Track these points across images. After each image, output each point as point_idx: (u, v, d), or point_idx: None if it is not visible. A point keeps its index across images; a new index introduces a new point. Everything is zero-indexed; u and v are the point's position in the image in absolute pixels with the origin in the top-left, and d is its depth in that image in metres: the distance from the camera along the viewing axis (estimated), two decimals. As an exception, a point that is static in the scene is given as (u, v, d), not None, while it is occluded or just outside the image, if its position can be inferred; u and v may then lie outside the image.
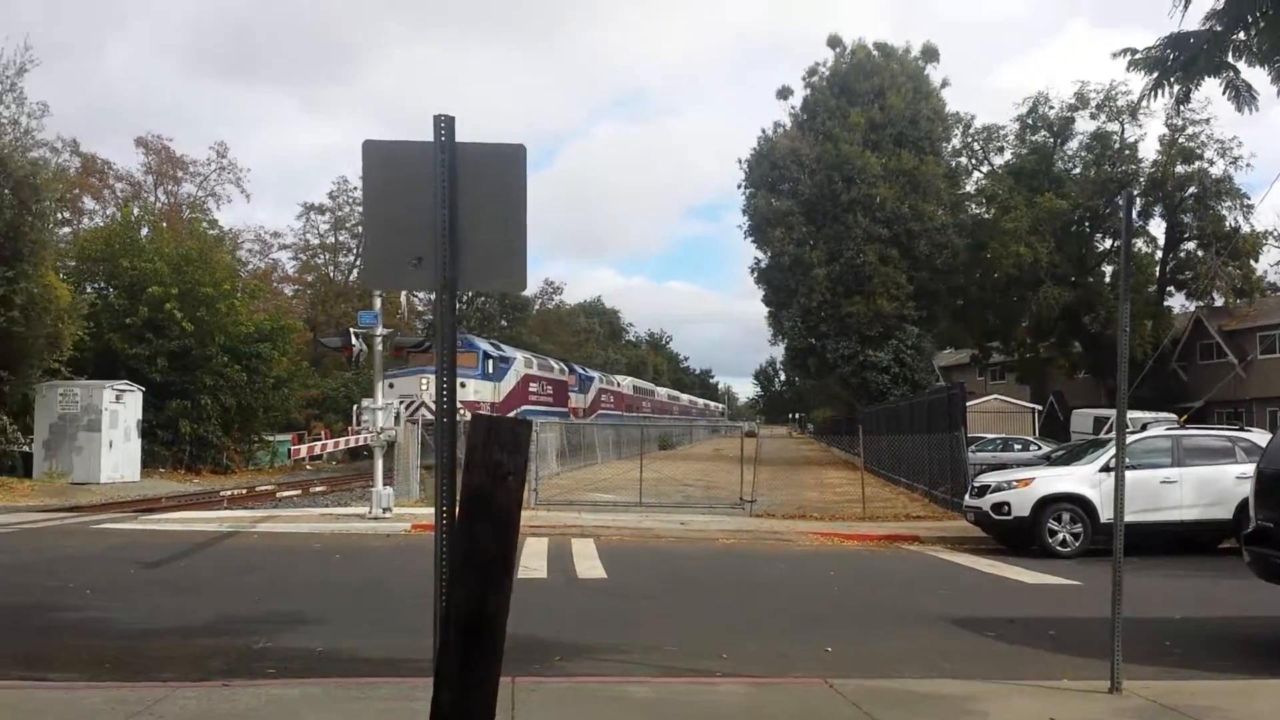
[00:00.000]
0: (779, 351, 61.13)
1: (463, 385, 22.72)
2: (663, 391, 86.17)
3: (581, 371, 54.25)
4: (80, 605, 9.85)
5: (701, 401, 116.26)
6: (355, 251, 59.78)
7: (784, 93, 49.14)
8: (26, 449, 26.69)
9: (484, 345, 38.04)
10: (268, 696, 5.96)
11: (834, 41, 48.42)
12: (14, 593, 10.39)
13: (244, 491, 24.40)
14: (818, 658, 7.78)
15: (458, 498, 4.68)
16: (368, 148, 4.52)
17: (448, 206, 4.41)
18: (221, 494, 23.42)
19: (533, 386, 41.62)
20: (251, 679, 6.57)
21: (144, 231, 38.24)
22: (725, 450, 47.76)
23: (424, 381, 29.32)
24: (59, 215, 38.10)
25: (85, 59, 75.56)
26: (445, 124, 4.39)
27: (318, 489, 25.55)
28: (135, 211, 41.53)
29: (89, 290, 33.92)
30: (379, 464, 18.67)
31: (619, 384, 63.89)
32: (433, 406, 24.39)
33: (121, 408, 27.43)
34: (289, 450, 21.16)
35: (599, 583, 11.86)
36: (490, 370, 36.63)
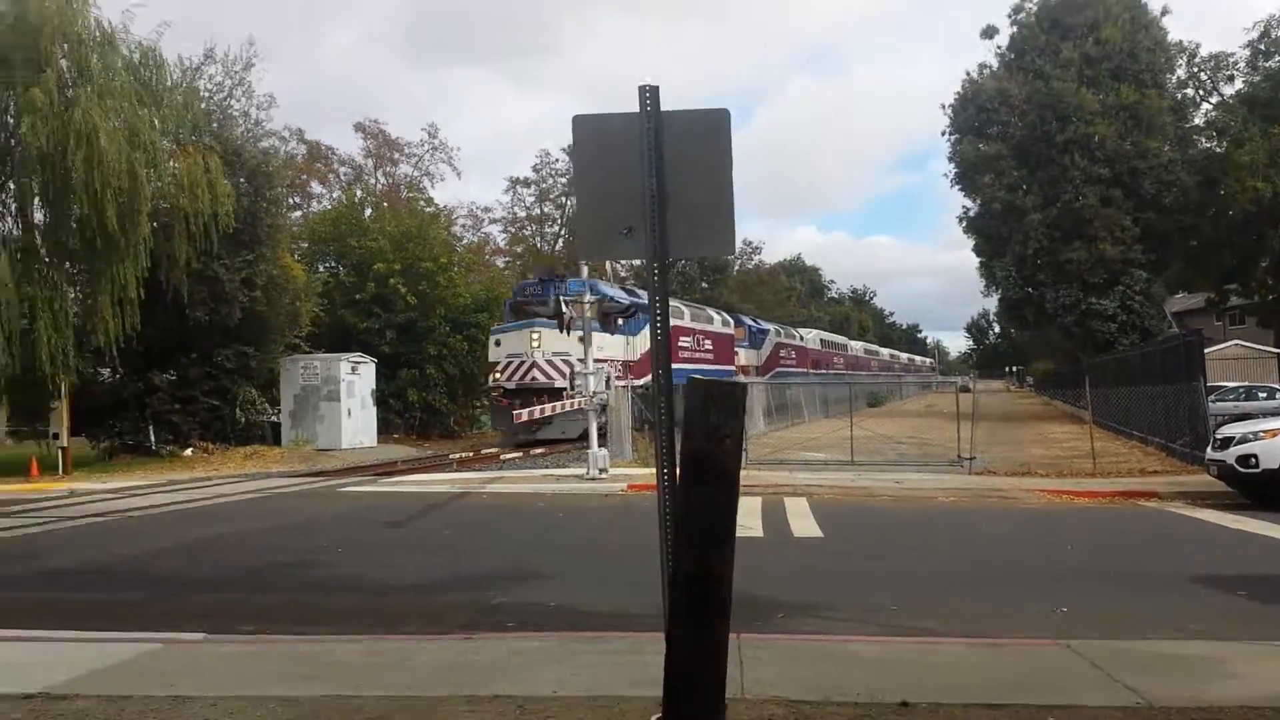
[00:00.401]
0: (992, 303, 58.23)
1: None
2: (857, 345, 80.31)
3: (752, 324, 49.82)
4: (330, 563, 10.71)
5: (905, 356, 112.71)
6: (560, 222, 61.48)
7: (988, 32, 46.76)
8: (275, 419, 29.20)
9: (609, 290, 32.23)
10: (509, 649, 6.31)
11: (1041, -25, 45.58)
12: (271, 552, 11.42)
13: (470, 455, 25.80)
14: (1050, 619, 7.48)
15: (677, 460, 4.80)
16: (577, 122, 4.64)
17: (655, 175, 4.48)
18: (450, 457, 24.85)
19: (683, 340, 35.80)
20: (492, 632, 6.97)
21: (367, 212, 40.75)
22: (938, 406, 46.32)
23: (535, 337, 27.35)
24: (290, 200, 41.17)
25: (305, 50, 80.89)
26: (650, 94, 4.45)
27: (537, 451, 26.63)
28: (358, 194, 44.29)
29: (321, 269, 36.58)
30: (593, 426, 19.28)
31: (801, 338, 59.13)
32: (544, 365, 24.19)
33: (357, 378, 29.52)
34: (511, 414, 22.23)
35: (815, 541, 11.83)
36: (619, 324, 31.86)
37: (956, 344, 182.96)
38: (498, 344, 28.43)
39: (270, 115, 37.98)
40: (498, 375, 27.73)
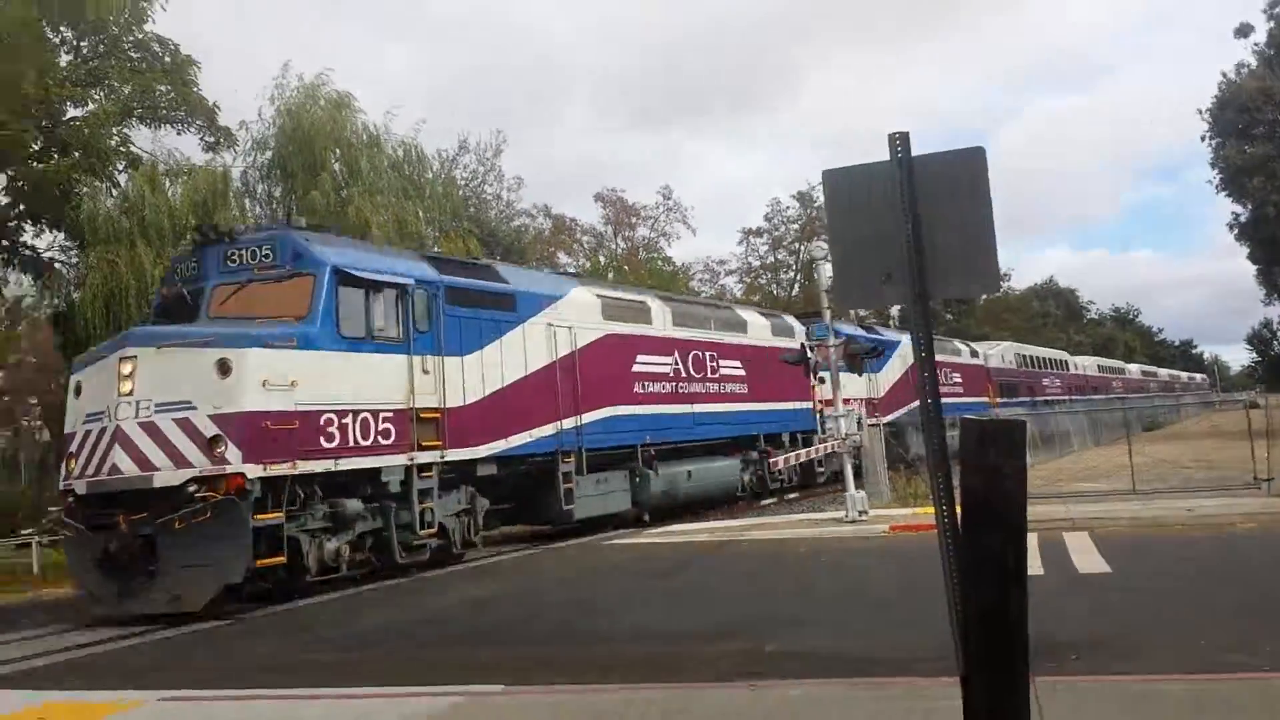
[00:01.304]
0: (1275, 312, 52.91)
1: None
2: (1085, 362, 65.65)
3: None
4: (608, 614, 11.12)
5: (1185, 375, 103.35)
6: (795, 268, 61.42)
7: (1243, 30, 43.49)
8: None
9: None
10: (788, 697, 6.37)
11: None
12: (550, 607, 11.96)
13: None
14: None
15: (956, 500, 4.75)
16: (828, 176, 4.78)
17: (911, 220, 4.53)
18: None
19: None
20: (770, 680, 7.04)
21: (609, 276, 42.32)
22: (1223, 425, 42.39)
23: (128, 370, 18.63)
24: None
25: (546, 130, 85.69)
26: (900, 141, 4.52)
27: (792, 495, 26.51)
28: (601, 260, 46.07)
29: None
30: (848, 469, 19.05)
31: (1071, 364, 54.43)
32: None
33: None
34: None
35: (1102, 578, 11.14)
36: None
37: (1237, 357, 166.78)
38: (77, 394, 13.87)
39: (519, 195, 40.68)
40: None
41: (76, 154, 24.04)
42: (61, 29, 26.36)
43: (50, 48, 25.35)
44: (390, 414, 14.24)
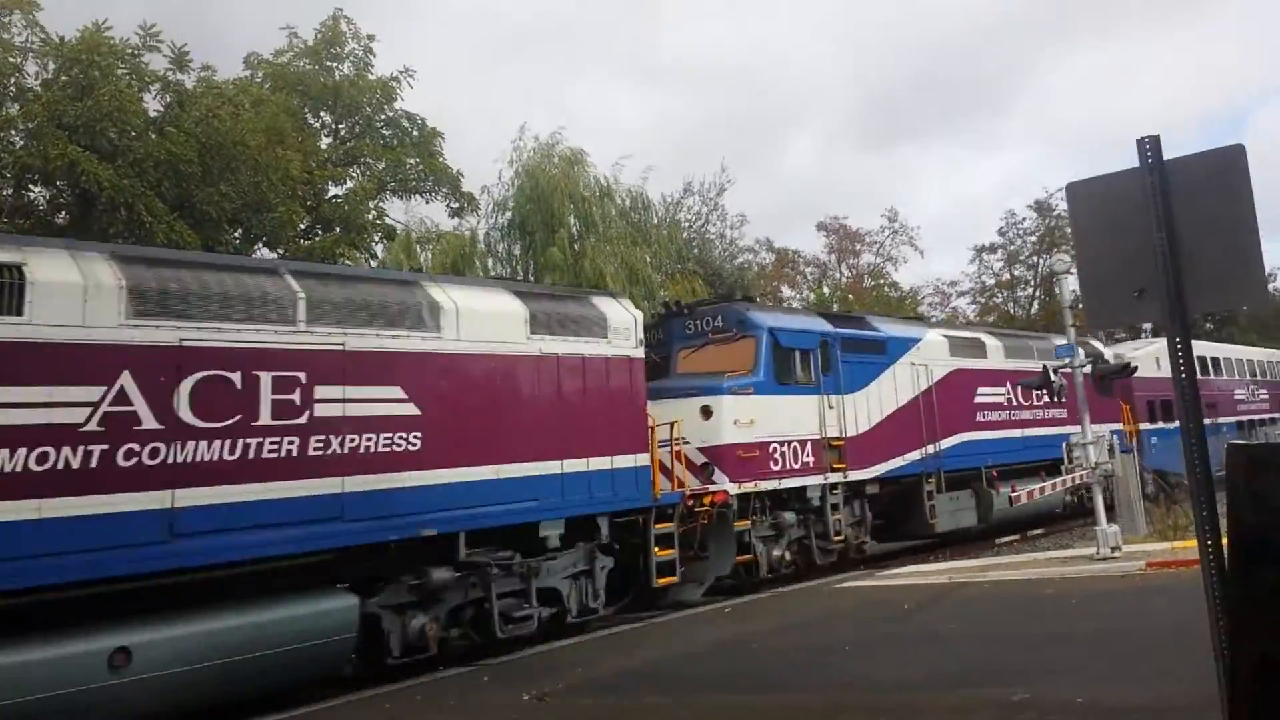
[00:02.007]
0: None
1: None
2: None
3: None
4: (842, 661, 10.78)
5: None
6: (1033, 283, 58.56)
7: None
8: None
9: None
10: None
11: None
12: (782, 652, 11.69)
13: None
14: None
15: (1222, 535, 4.36)
16: (1071, 190, 4.54)
17: (1165, 230, 4.22)
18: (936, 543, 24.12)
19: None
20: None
21: (834, 306, 41.77)
22: None
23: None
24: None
25: (768, 164, 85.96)
26: (1150, 145, 4.24)
27: (1034, 532, 25.06)
28: (825, 291, 45.60)
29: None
30: (1099, 501, 17.82)
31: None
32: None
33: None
34: (1008, 497, 21.26)
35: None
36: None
37: None
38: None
39: (742, 233, 41.15)
40: None
41: (338, 229, 26.31)
42: (321, 114, 29.06)
43: (312, 133, 27.95)
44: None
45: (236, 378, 10.04)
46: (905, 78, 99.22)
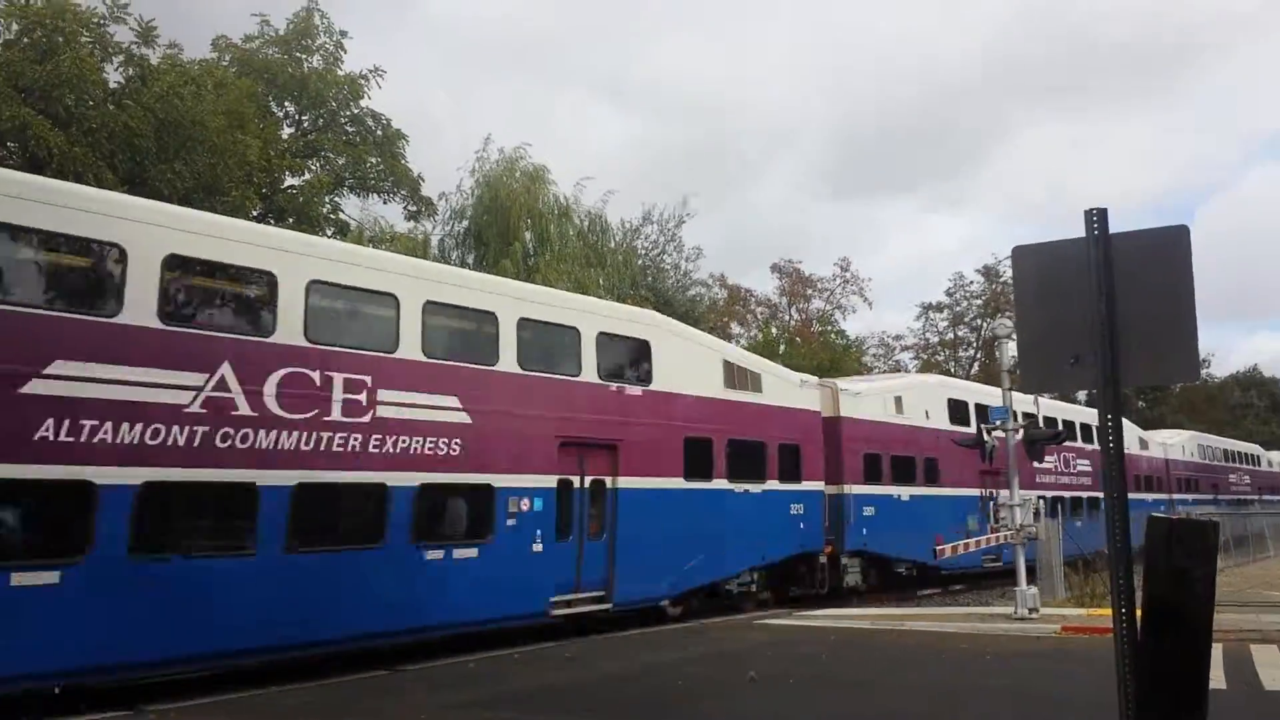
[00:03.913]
0: None
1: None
2: None
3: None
4: (746, 698, 10.73)
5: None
6: (975, 345, 59.65)
7: None
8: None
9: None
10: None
11: None
12: (694, 685, 11.60)
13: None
14: None
15: (1136, 605, 4.43)
16: (1017, 253, 4.62)
17: (1106, 301, 4.32)
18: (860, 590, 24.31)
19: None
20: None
21: (780, 349, 42.10)
22: None
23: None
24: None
25: (729, 203, 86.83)
26: (1097, 217, 4.34)
27: (956, 587, 25.41)
28: (774, 331, 45.98)
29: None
30: (1020, 563, 18.10)
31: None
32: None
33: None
34: (933, 550, 21.52)
35: (1296, 699, 10.13)
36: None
37: None
38: None
39: (697, 265, 41.47)
40: None
41: (290, 219, 25.96)
42: (286, 103, 28.76)
43: (274, 121, 27.65)
44: None
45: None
46: (875, 133, 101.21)
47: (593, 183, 65.02)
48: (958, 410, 25.84)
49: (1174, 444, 40.93)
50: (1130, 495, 18.29)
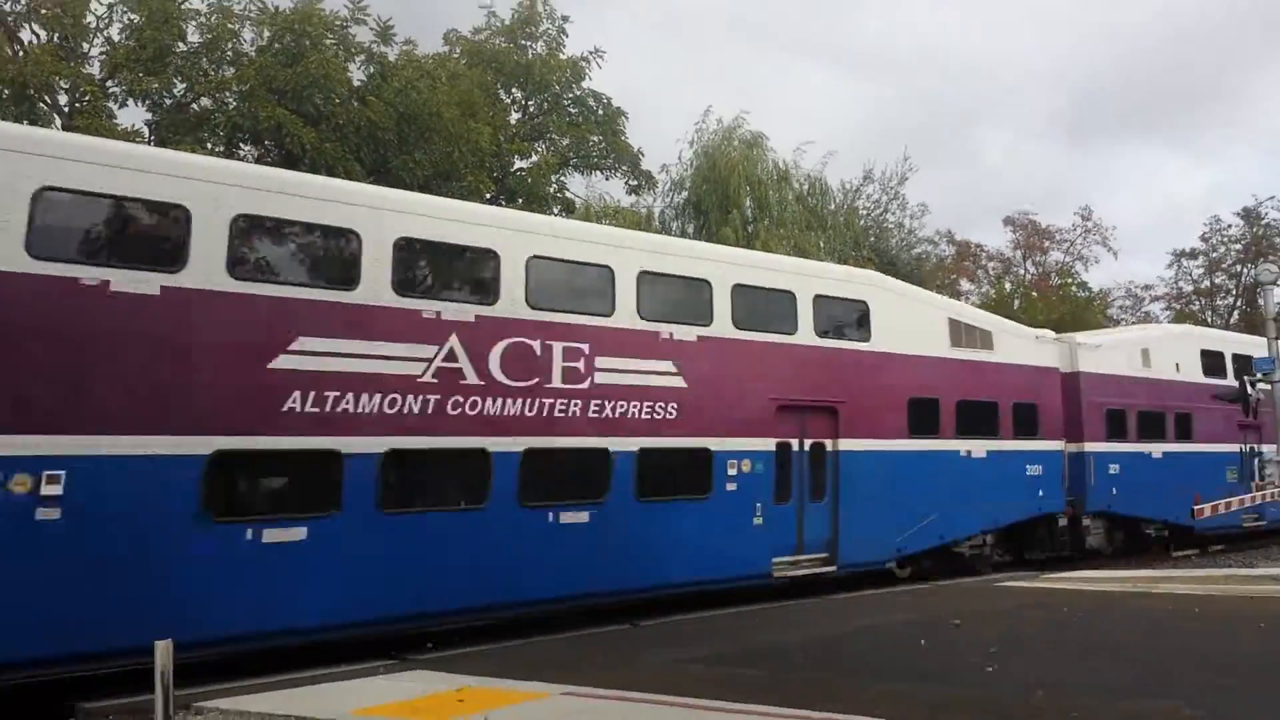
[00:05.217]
0: None
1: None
2: None
3: None
4: (997, 662, 10.41)
5: None
6: (1235, 293, 54.84)
7: None
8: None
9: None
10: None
11: None
12: (936, 649, 11.41)
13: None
14: None
15: None
16: None
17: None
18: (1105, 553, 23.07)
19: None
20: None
21: (1014, 305, 40.25)
22: None
23: None
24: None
25: (958, 156, 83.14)
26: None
27: (1216, 547, 23.67)
28: (1007, 286, 43.98)
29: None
30: (1293, 522, 16.73)
31: None
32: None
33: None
34: (1190, 510, 20.10)
35: None
36: None
37: None
38: None
39: (923, 223, 40.26)
40: None
41: (520, 200, 27.23)
42: (513, 90, 30.08)
43: (502, 107, 28.99)
44: None
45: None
46: (1113, 75, 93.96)
47: (813, 147, 63.92)
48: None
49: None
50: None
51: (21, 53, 21.34)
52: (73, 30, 21.49)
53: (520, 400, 12.62)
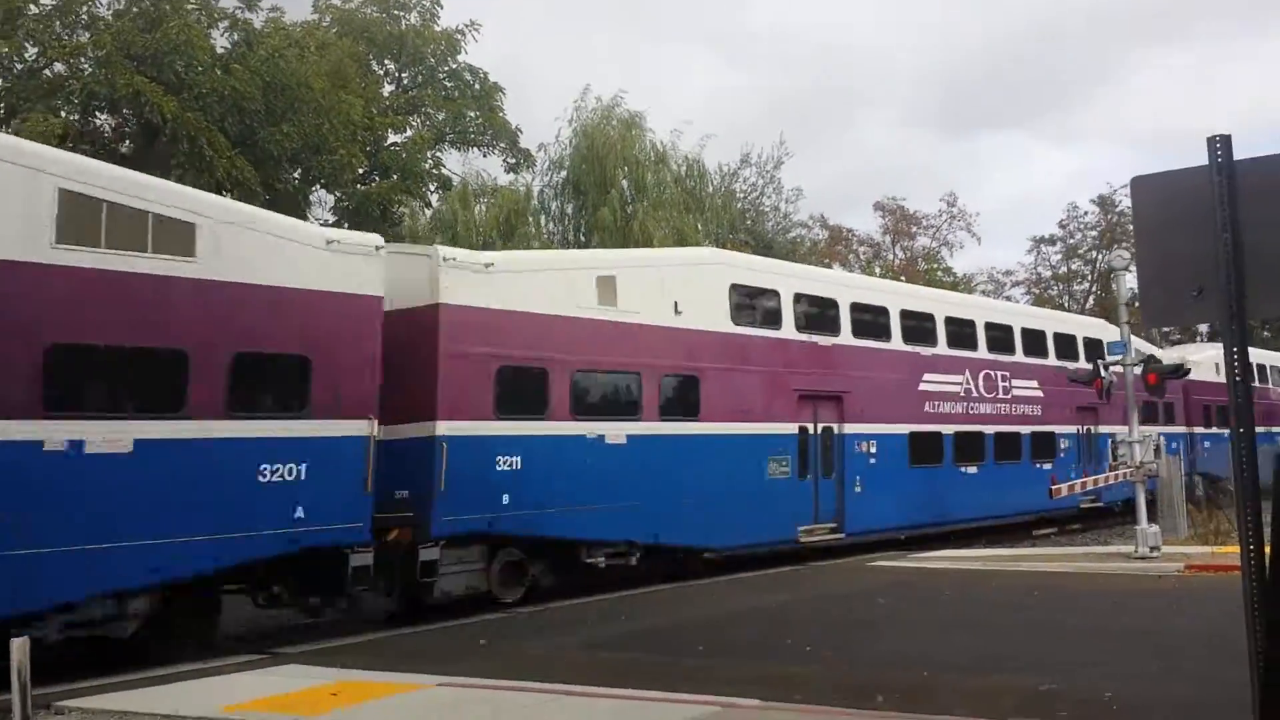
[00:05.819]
0: None
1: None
2: None
3: None
4: (870, 639, 10.84)
5: None
6: (1090, 279, 57.61)
7: None
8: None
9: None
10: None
11: None
12: (812, 624, 11.70)
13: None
14: None
15: (1265, 539, 4.31)
16: (1136, 183, 4.46)
17: (1229, 230, 4.15)
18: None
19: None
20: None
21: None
22: None
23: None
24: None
25: (830, 142, 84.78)
26: (1221, 144, 4.16)
27: (1074, 526, 24.87)
28: (876, 270, 45.14)
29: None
30: (1141, 500, 17.62)
31: None
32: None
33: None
34: (1048, 490, 20.96)
35: None
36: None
37: None
38: None
39: (797, 207, 40.96)
40: None
41: (395, 176, 26.50)
42: (385, 61, 29.19)
43: (375, 79, 28.11)
44: None
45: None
46: (980, 65, 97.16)
47: (691, 128, 64.25)
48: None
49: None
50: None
51: None
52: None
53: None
